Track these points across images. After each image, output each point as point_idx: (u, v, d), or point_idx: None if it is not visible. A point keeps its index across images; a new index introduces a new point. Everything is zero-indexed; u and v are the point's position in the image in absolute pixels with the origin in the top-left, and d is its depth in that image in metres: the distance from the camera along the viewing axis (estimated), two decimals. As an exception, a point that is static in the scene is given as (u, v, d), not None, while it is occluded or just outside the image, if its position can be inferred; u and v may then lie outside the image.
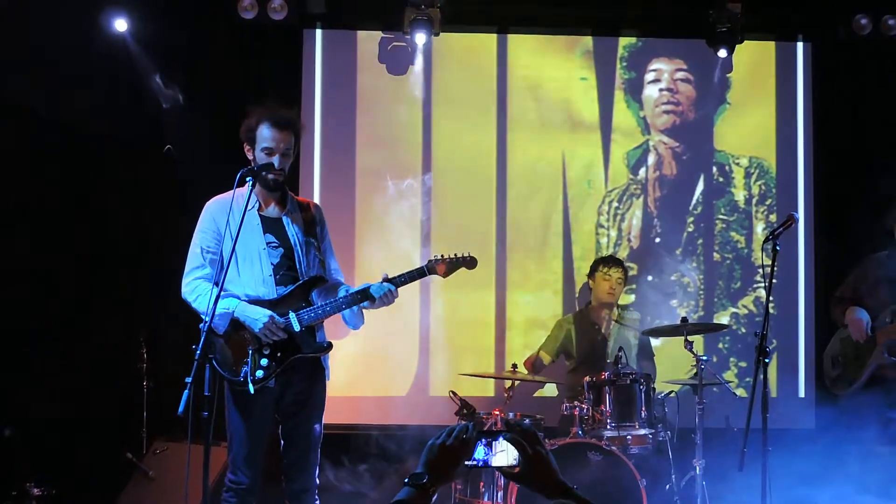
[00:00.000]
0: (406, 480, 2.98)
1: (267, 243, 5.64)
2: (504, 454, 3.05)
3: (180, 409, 4.81)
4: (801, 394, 9.16)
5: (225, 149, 6.41)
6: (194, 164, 8.38)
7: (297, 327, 5.53)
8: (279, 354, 5.52)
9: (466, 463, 3.05)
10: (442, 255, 5.89)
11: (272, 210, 5.73)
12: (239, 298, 5.54)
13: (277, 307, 5.54)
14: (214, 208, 5.69)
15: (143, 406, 8.08)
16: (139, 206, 8.65)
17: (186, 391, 4.83)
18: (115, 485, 7.68)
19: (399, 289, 5.70)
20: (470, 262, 5.94)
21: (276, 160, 5.59)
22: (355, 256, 8.82)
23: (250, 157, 5.65)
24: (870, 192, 8.09)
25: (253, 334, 5.50)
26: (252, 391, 5.44)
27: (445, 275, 5.89)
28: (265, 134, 5.60)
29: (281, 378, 5.56)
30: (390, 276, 5.68)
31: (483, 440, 3.05)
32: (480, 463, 3.05)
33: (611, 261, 8.25)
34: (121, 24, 8.50)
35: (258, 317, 5.47)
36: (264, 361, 5.48)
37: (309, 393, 5.71)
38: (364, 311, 5.77)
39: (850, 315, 7.17)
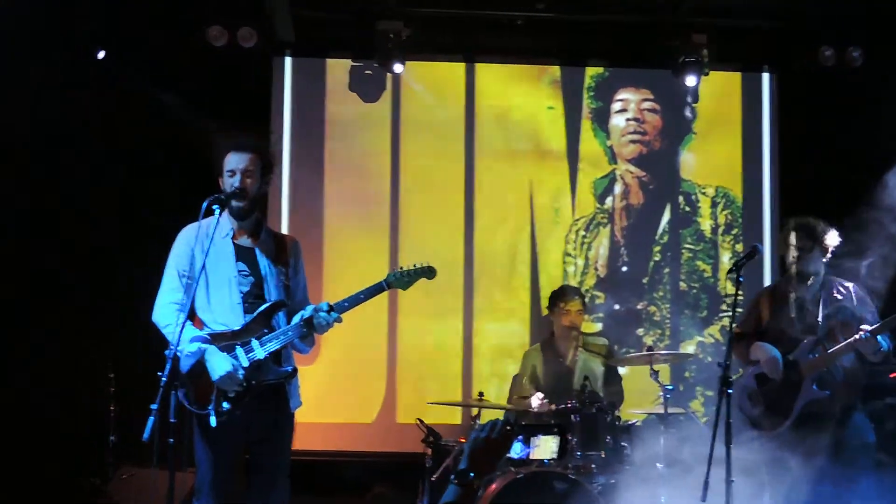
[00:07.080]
0: (452, 478, 2.98)
1: (238, 271, 5.63)
2: (540, 449, 3.10)
3: (145, 435, 4.81)
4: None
5: (195, 177, 6.40)
6: (163, 188, 8.39)
7: (261, 355, 5.51)
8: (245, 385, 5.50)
9: (508, 456, 3.08)
10: (401, 268, 5.84)
11: (244, 240, 5.72)
12: (208, 338, 5.50)
13: (241, 336, 5.52)
14: (190, 234, 5.67)
15: (109, 431, 8.04)
16: (107, 229, 8.62)
17: (152, 417, 4.83)
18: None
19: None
20: (429, 272, 5.84)
21: (236, 180, 5.60)
22: (323, 283, 8.82)
23: (222, 186, 5.67)
24: (834, 222, 8.13)
25: None
26: (214, 423, 5.42)
27: (406, 287, 5.88)
28: (227, 159, 5.64)
29: (248, 406, 5.54)
30: (354, 293, 5.66)
31: (520, 437, 3.11)
32: (518, 457, 3.10)
33: (567, 293, 8.06)
34: (101, 55, 8.57)
35: (219, 369, 5.43)
36: (231, 392, 5.47)
37: (275, 420, 5.69)
38: (330, 331, 5.76)
39: (760, 353, 6.72)
